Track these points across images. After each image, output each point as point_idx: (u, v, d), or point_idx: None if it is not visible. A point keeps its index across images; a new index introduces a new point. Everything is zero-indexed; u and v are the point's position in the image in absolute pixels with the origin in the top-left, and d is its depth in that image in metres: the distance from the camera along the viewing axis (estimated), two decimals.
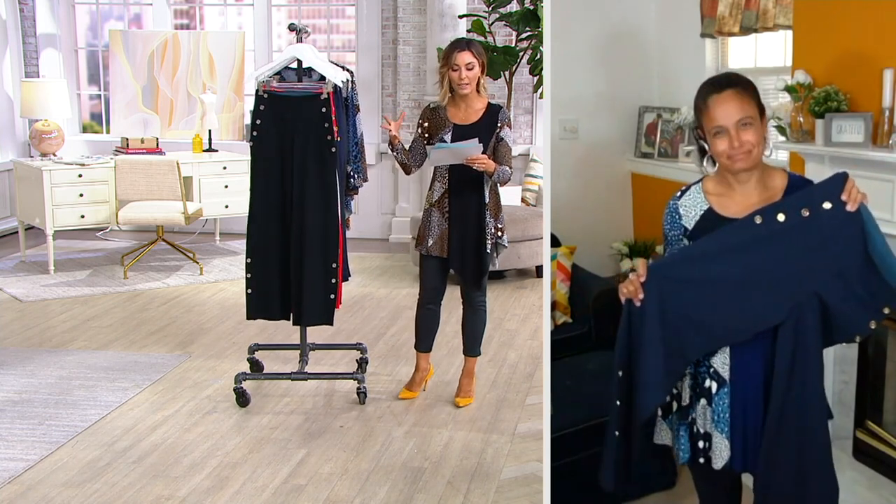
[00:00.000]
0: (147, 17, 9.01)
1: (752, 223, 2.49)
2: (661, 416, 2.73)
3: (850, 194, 2.43)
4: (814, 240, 2.47)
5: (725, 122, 2.48)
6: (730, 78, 2.55)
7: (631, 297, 2.57)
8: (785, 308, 2.49)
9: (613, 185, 3.40)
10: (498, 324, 5.85)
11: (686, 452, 2.67)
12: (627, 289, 2.57)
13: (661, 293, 2.55)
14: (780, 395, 2.51)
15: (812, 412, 2.52)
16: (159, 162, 6.91)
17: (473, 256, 4.41)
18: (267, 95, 4.40)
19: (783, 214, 2.47)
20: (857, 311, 2.49)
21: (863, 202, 2.44)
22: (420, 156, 4.50)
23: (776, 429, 2.52)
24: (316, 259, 4.41)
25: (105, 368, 5.03)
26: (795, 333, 2.49)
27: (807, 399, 2.50)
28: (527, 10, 7.12)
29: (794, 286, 2.48)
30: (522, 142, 8.28)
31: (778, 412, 2.51)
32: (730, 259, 2.51)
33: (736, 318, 2.53)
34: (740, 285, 2.51)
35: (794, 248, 2.47)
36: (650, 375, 2.59)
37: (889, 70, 2.77)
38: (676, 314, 2.55)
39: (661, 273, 2.57)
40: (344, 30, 9.06)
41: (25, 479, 3.78)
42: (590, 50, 3.23)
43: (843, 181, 2.45)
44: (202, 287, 6.79)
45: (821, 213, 2.45)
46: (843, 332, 2.54)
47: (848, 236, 2.45)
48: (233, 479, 3.79)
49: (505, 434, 4.24)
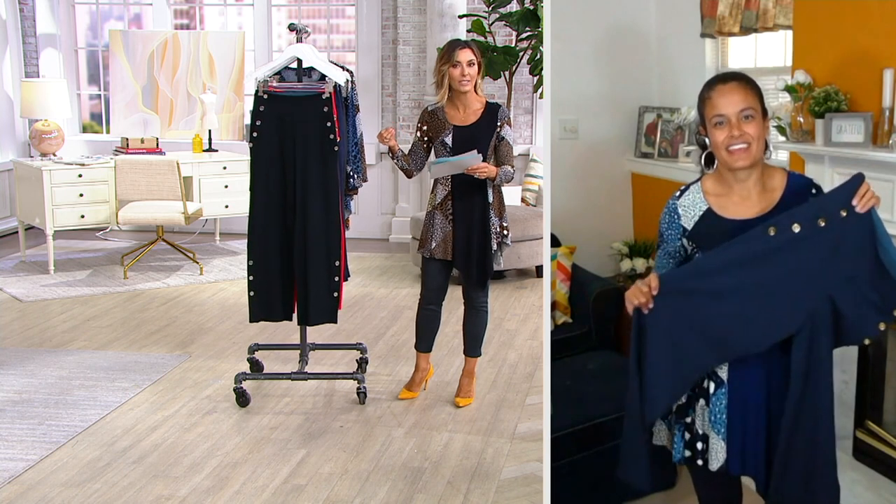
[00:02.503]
0: (147, 17, 9.01)
1: (766, 235, 2.46)
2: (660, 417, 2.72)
3: (861, 197, 2.42)
4: (828, 247, 2.45)
5: (727, 111, 2.50)
6: (735, 73, 2.59)
7: (640, 308, 2.56)
8: (800, 317, 2.47)
9: (613, 185, 3.40)
10: (498, 324, 5.85)
11: (679, 452, 2.66)
12: (638, 299, 2.55)
13: (671, 307, 2.53)
14: (796, 402, 2.49)
15: (824, 416, 2.52)
16: (159, 162, 6.91)
17: (478, 258, 4.40)
18: (267, 96, 4.39)
19: (798, 225, 2.45)
20: (867, 315, 2.48)
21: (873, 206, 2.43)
22: (420, 160, 4.50)
23: (790, 434, 2.50)
24: (319, 258, 4.41)
25: (105, 368, 5.03)
26: (811, 340, 2.47)
27: (820, 404, 2.50)
28: (527, 10, 7.12)
29: (809, 294, 2.47)
30: (522, 142, 8.28)
31: (793, 418, 2.50)
32: (742, 271, 2.49)
33: (751, 329, 2.51)
34: (754, 297, 2.49)
35: (810, 257, 2.46)
36: (656, 387, 2.59)
37: (889, 70, 2.77)
38: (687, 328, 2.53)
39: (674, 287, 2.55)
40: (344, 30, 9.06)
41: (25, 479, 3.78)
42: (590, 50, 3.23)
43: (856, 185, 2.43)
44: (202, 287, 6.80)
45: (837, 222, 2.44)
46: (853, 335, 2.53)
47: (860, 240, 2.44)
48: (233, 479, 3.79)
49: (505, 434, 4.24)
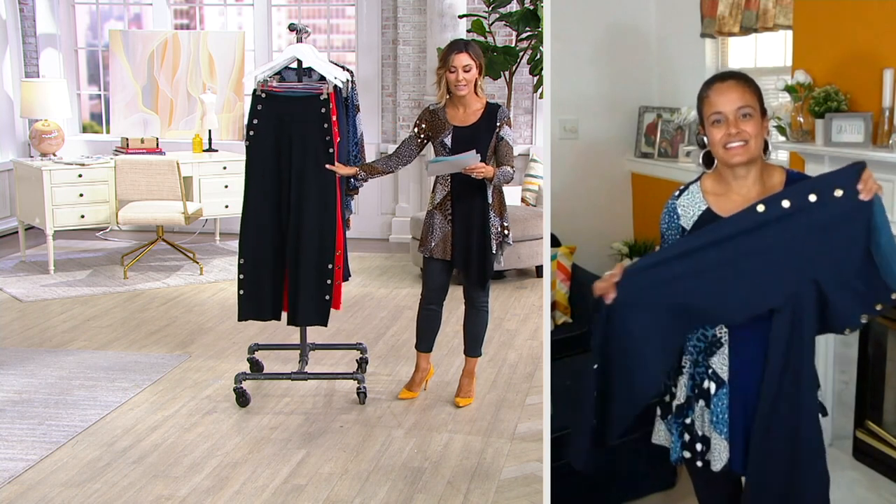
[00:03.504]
0: (147, 17, 9.01)
1: (755, 212, 2.46)
2: (661, 417, 2.73)
3: (866, 184, 2.41)
4: (817, 225, 2.44)
5: (725, 108, 2.49)
6: (734, 72, 2.58)
7: (602, 295, 2.59)
8: (783, 292, 2.46)
9: (613, 185, 3.40)
10: (498, 324, 5.85)
11: (676, 452, 2.67)
12: (600, 286, 2.59)
13: (647, 286, 2.55)
14: (774, 384, 2.49)
15: (805, 402, 2.50)
16: (159, 162, 6.91)
17: (478, 258, 4.41)
18: (265, 95, 4.39)
19: (788, 201, 2.44)
20: (851, 303, 2.47)
21: (878, 194, 2.41)
22: (405, 157, 4.51)
23: (767, 420, 2.50)
24: (311, 260, 4.40)
25: (105, 368, 5.03)
26: (792, 321, 2.46)
27: (800, 389, 2.48)
28: (527, 10, 7.12)
29: (793, 271, 2.46)
30: (522, 142, 8.28)
31: (770, 401, 2.49)
32: (729, 245, 2.48)
33: (730, 301, 2.51)
34: (738, 269, 2.49)
35: (796, 233, 2.45)
36: (647, 366, 2.60)
37: (889, 70, 2.77)
38: (669, 303, 2.54)
39: (652, 264, 2.57)
40: (344, 30, 9.06)
41: (25, 479, 3.78)
42: (590, 50, 3.23)
43: (859, 171, 2.42)
44: (202, 287, 6.80)
45: (830, 200, 2.42)
46: (835, 322, 2.52)
47: (854, 226, 2.42)
48: (233, 479, 3.79)
49: (505, 434, 4.24)
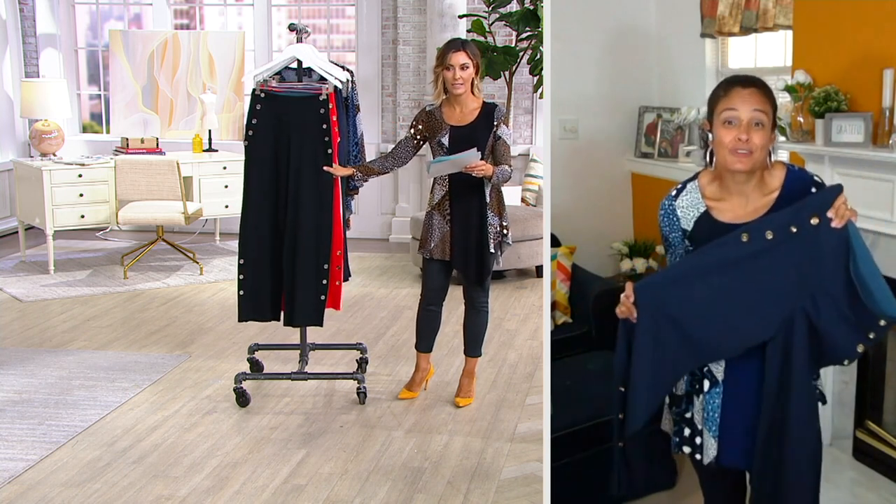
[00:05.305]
0: (147, 17, 9.01)
1: (739, 241, 2.46)
2: (668, 406, 2.74)
3: (837, 210, 2.39)
4: (802, 256, 2.42)
5: (742, 114, 2.47)
6: (756, 80, 2.55)
7: (626, 317, 2.58)
8: (773, 325, 2.46)
9: (613, 185, 3.39)
10: (498, 324, 5.85)
11: (676, 444, 2.69)
12: (620, 310, 2.58)
13: (652, 312, 2.54)
14: (769, 414, 2.50)
15: (801, 432, 2.49)
16: (159, 162, 6.91)
17: (476, 257, 4.41)
18: (264, 95, 4.39)
19: (771, 233, 2.44)
20: (844, 333, 2.44)
21: (851, 220, 2.39)
22: (401, 158, 4.51)
23: (765, 448, 2.52)
24: (308, 260, 4.40)
25: (105, 368, 5.03)
26: (784, 351, 2.46)
27: (796, 417, 2.47)
28: (527, 10, 7.12)
29: (783, 303, 2.45)
30: (522, 142, 8.28)
31: (766, 429, 2.51)
32: (716, 276, 2.48)
33: (725, 334, 2.51)
34: (728, 302, 2.49)
35: (782, 264, 2.44)
36: (638, 395, 2.60)
37: (889, 70, 2.77)
38: (667, 331, 2.53)
39: (649, 292, 2.55)
40: (344, 30, 9.06)
41: (25, 479, 3.78)
42: (590, 50, 3.23)
43: (833, 196, 2.40)
44: (202, 287, 6.80)
45: (808, 230, 2.41)
46: (832, 354, 2.50)
47: (834, 253, 2.40)
48: (233, 479, 3.79)
49: (505, 434, 4.24)
